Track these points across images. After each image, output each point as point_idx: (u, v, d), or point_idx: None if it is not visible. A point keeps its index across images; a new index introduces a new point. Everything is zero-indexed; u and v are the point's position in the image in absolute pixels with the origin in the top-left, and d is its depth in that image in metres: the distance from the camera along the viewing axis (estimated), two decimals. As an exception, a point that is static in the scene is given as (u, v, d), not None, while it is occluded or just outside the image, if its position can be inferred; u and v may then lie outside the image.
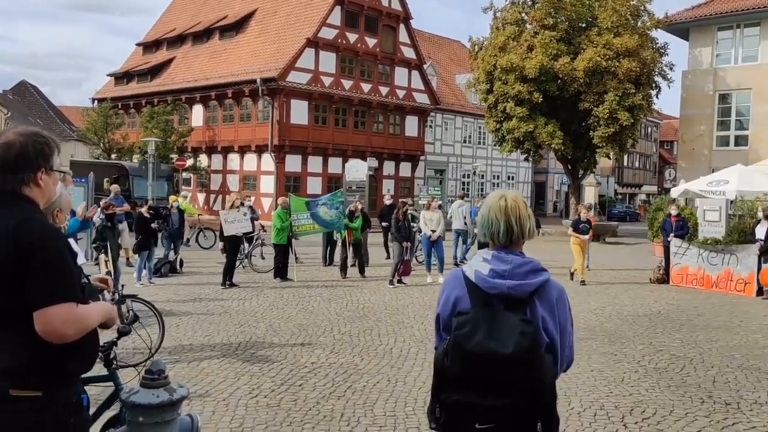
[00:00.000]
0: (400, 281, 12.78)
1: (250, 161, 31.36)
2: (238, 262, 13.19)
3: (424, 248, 13.52)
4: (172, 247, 13.96)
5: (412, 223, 13.66)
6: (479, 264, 2.31)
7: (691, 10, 28.08)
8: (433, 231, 13.10)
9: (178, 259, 14.06)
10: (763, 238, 11.97)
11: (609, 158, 32.49)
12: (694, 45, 27.97)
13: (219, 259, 12.88)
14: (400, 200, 15.64)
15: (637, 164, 57.77)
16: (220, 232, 12.52)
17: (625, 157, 52.41)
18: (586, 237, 13.39)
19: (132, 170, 25.68)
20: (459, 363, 2.19)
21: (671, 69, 27.80)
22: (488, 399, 2.16)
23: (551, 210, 47.98)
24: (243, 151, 31.44)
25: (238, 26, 34.48)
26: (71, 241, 2.92)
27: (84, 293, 2.44)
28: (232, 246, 12.27)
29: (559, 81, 26.33)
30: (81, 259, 2.87)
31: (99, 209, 11.14)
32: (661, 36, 36.49)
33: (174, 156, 29.92)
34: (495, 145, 33.04)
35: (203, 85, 32.43)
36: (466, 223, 16.21)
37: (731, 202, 17.94)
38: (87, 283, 2.54)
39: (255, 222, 16.00)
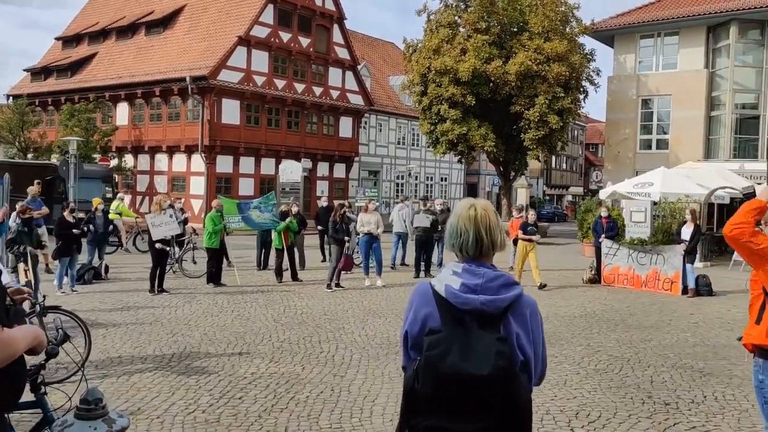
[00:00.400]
0: (338, 285, 12.57)
1: (180, 162, 30.36)
2: (168, 267, 12.65)
3: (362, 251, 13.36)
4: (96, 252, 13.27)
5: (349, 226, 13.46)
6: (449, 278, 2.15)
7: (615, 18, 29.16)
8: (370, 232, 12.96)
9: (103, 265, 13.38)
10: (688, 238, 12.43)
11: (539, 160, 33.31)
12: (619, 52, 29.05)
13: (147, 263, 12.31)
14: (338, 202, 15.43)
15: (564, 166, 59.59)
16: (148, 236, 11.95)
17: (553, 160, 54.03)
18: (535, 238, 13.58)
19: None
20: (431, 385, 2.03)
21: (598, 74, 28.76)
22: (461, 423, 2.02)
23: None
24: (172, 151, 30.41)
25: (165, 22, 33.31)
26: None
27: (9, 317, 2.16)
28: (159, 250, 11.72)
29: (491, 84, 26.75)
30: (5, 279, 2.55)
31: (15, 213, 10.45)
32: (588, 42, 37.88)
33: (97, 156, 28.60)
34: (429, 147, 33.26)
35: (128, 82, 31.15)
36: (406, 226, 16.19)
37: (655, 203, 18.68)
38: (12, 305, 2.25)
39: (186, 225, 15.48)
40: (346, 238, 12.66)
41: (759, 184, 21.59)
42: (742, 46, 26.16)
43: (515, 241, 16.38)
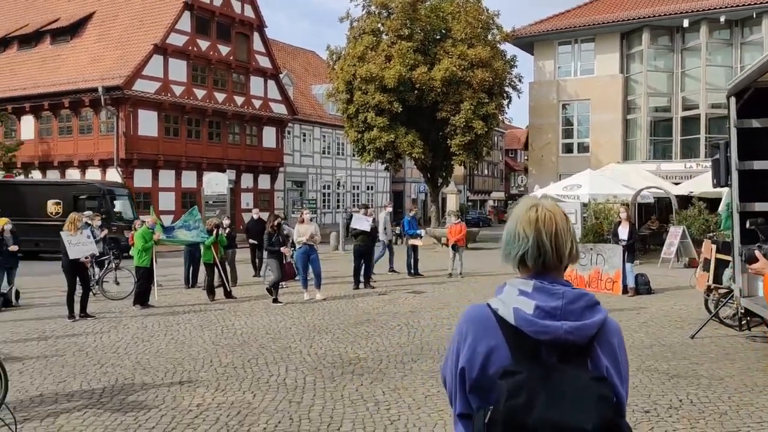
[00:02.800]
0: (275, 301, 11.91)
1: (93, 177, 28.56)
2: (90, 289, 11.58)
3: (299, 263, 12.74)
4: (5, 276, 12.02)
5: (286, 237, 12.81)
6: (517, 299, 1.66)
7: (534, 25, 29.85)
8: (311, 237, 12.40)
9: (14, 290, 12.13)
10: (625, 238, 12.56)
11: (465, 166, 33.56)
12: (539, 58, 29.73)
13: (63, 287, 11.20)
14: (271, 213, 14.76)
15: (486, 172, 60.66)
16: (63, 257, 10.83)
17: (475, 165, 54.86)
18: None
19: (108, 190, 23.49)
20: None
21: (520, 80, 29.26)
22: None
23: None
24: (84, 165, 28.60)
25: (73, 30, 31.47)
26: None
27: None
28: (74, 272, 10.67)
29: (417, 91, 26.69)
30: None
31: None
32: (509, 49, 38.42)
33: (1, 173, 26.50)
34: (355, 156, 32.91)
35: (34, 93, 29.13)
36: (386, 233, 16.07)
37: (585, 204, 19.02)
38: None
39: (105, 244, 14.38)
40: (285, 250, 12.05)
41: (676, 184, 22.44)
42: (653, 51, 27.29)
43: (454, 247, 16.29)
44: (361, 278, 14.01)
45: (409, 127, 27.17)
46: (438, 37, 28.12)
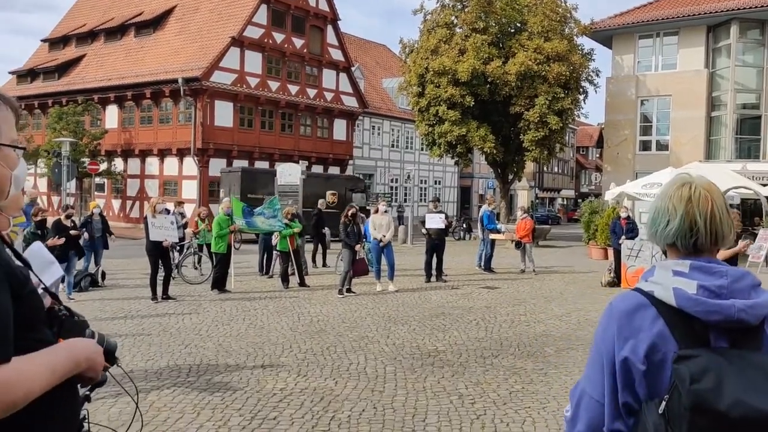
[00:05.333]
0: (349, 290, 11.98)
1: (171, 165, 29.60)
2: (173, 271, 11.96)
3: (373, 255, 12.76)
4: (93, 257, 12.57)
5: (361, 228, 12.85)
6: (674, 280, 1.50)
7: (613, 18, 28.87)
8: (384, 236, 12.39)
9: (100, 271, 12.68)
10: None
11: (538, 162, 32.87)
12: (617, 52, 28.75)
13: (146, 269, 11.61)
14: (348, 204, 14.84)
15: (556, 169, 59.36)
16: (146, 240, 11.20)
17: (545, 162, 53.70)
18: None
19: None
20: None
21: (597, 75, 28.39)
22: None
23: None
24: (163, 154, 29.65)
25: (155, 23, 32.60)
26: (35, 250, 1.78)
27: (60, 328, 1.56)
28: (157, 254, 11.03)
29: (490, 85, 26.30)
30: (52, 276, 1.72)
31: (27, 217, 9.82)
32: (586, 43, 37.40)
33: (86, 160, 27.77)
34: (423, 150, 32.73)
35: (118, 84, 30.38)
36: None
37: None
38: (63, 313, 1.62)
39: (185, 229, 14.84)
40: (358, 247, 12.06)
41: (764, 185, 21.31)
42: (742, 45, 25.93)
43: (518, 244, 16.00)
44: (433, 271, 13.94)
45: (481, 121, 26.81)
46: (513, 30, 27.60)
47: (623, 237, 13.46)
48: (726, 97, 26.09)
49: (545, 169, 54.89)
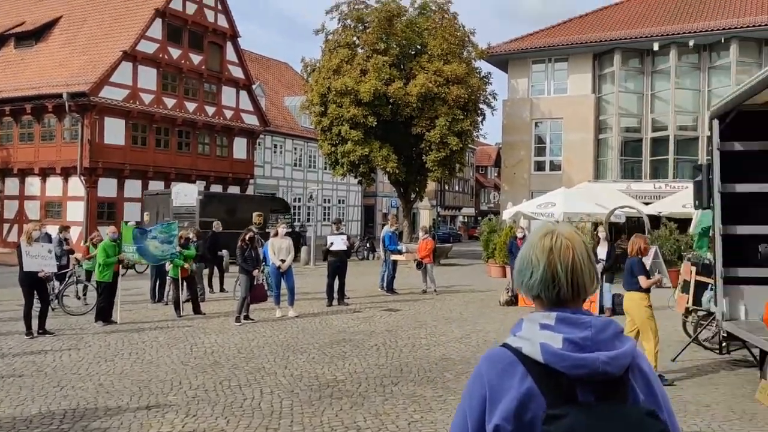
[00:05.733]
0: (247, 317, 11.50)
1: (55, 185, 27.68)
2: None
3: (272, 279, 12.35)
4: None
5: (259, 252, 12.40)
6: (540, 334, 1.48)
7: (509, 43, 30.03)
8: (283, 261, 12.01)
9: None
10: (604, 258, 12.48)
11: (439, 182, 33.47)
12: (513, 76, 29.90)
13: (21, 300, 10.59)
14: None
15: (457, 188, 60.83)
16: (20, 269, 10.22)
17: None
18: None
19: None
20: None
21: (494, 97, 29.33)
22: None
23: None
24: (45, 173, 27.69)
25: (38, 34, 30.61)
26: None
27: None
28: (31, 285, 10.11)
29: (392, 105, 26.56)
30: None
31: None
32: (484, 66, 38.59)
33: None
34: (327, 169, 32.51)
35: (-5, 98, 28.19)
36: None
37: (558, 223, 18.93)
38: None
39: (70, 255, 13.82)
40: (256, 272, 11.64)
41: (646, 203, 22.63)
42: (624, 73, 27.64)
43: (419, 264, 16.03)
44: (335, 294, 13.68)
45: (384, 141, 27.00)
46: (414, 52, 28.08)
47: (520, 256, 13.75)
48: (611, 121, 27.68)
49: (446, 187, 56.14)
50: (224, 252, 16.57)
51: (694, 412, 6.37)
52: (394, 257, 16.03)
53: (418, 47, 27.96)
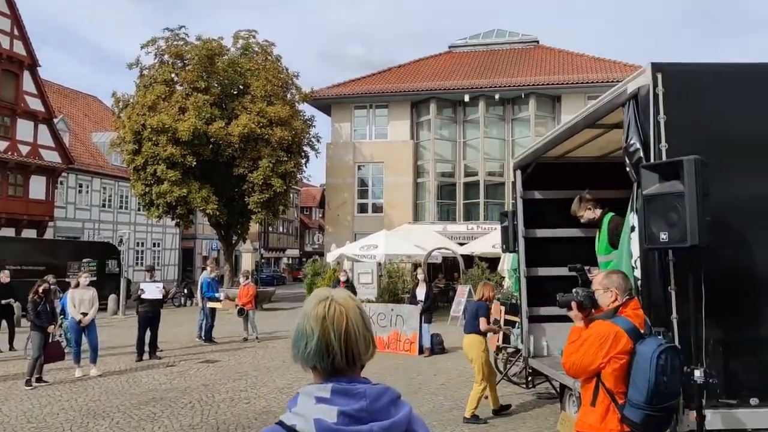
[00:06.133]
0: (40, 380, 10.15)
1: None
2: None
3: (72, 335, 11.08)
4: None
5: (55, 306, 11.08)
6: (317, 409, 1.47)
7: (332, 88, 30.74)
8: (84, 314, 10.85)
9: None
10: (423, 299, 12.87)
11: (262, 224, 32.89)
12: (336, 120, 30.55)
13: None
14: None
15: (281, 229, 60.30)
16: None
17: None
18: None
19: None
20: None
21: (318, 140, 29.67)
22: None
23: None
24: None
25: None
26: None
27: None
28: None
29: (212, 145, 25.75)
30: None
31: None
32: (308, 109, 39.17)
33: None
34: (140, 210, 30.54)
35: None
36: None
37: (380, 264, 19.44)
38: None
39: None
40: (51, 329, 10.37)
41: (461, 244, 23.98)
42: (440, 121, 29.45)
43: (240, 311, 15.45)
44: (146, 348, 12.62)
45: (204, 182, 26.02)
46: (236, 92, 27.62)
47: (343, 300, 13.75)
48: (428, 166, 29.22)
49: (270, 229, 55.47)
50: (15, 303, 14.68)
51: (507, 450, 6.60)
52: (211, 305, 15.24)
53: (241, 87, 27.57)
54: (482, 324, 7.97)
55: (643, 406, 3.30)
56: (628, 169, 4.70)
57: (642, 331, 3.45)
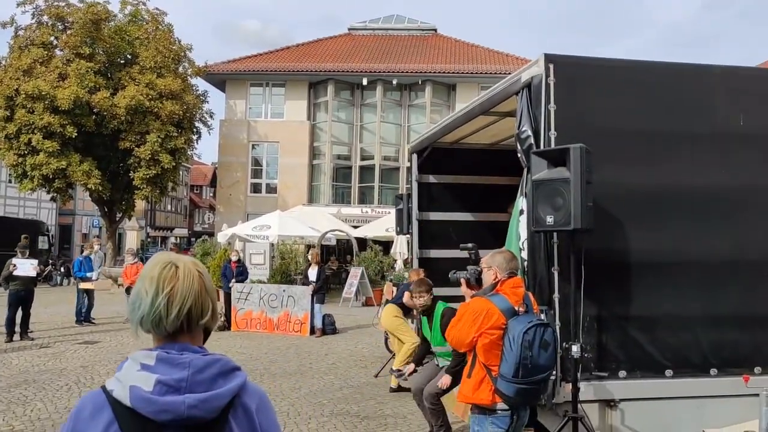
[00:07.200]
0: None
1: None
2: None
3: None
4: None
5: None
6: (136, 376, 1.43)
7: (227, 63, 29.81)
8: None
9: None
10: (314, 279, 12.85)
11: (148, 201, 31.48)
12: (230, 96, 29.70)
13: None
14: None
15: (169, 207, 57.95)
16: None
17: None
18: None
19: None
20: None
21: (211, 116, 28.69)
22: None
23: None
24: None
25: None
26: None
27: None
28: None
29: (96, 116, 24.26)
30: None
31: None
32: (201, 84, 37.64)
33: None
34: (12, 182, 28.36)
35: None
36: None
37: (273, 245, 19.22)
38: None
39: None
40: None
41: (355, 227, 24.10)
42: (337, 103, 29.36)
43: (128, 290, 14.78)
44: (17, 328, 11.78)
45: (85, 154, 24.48)
46: (123, 61, 26.09)
47: (233, 280, 13.49)
48: (324, 148, 29.10)
49: (157, 207, 53.23)
50: None
51: (392, 424, 6.75)
52: (83, 285, 14.32)
53: (129, 56, 26.09)
54: (406, 297, 8.12)
55: (510, 379, 3.50)
56: (519, 155, 4.91)
57: (517, 308, 3.61)
